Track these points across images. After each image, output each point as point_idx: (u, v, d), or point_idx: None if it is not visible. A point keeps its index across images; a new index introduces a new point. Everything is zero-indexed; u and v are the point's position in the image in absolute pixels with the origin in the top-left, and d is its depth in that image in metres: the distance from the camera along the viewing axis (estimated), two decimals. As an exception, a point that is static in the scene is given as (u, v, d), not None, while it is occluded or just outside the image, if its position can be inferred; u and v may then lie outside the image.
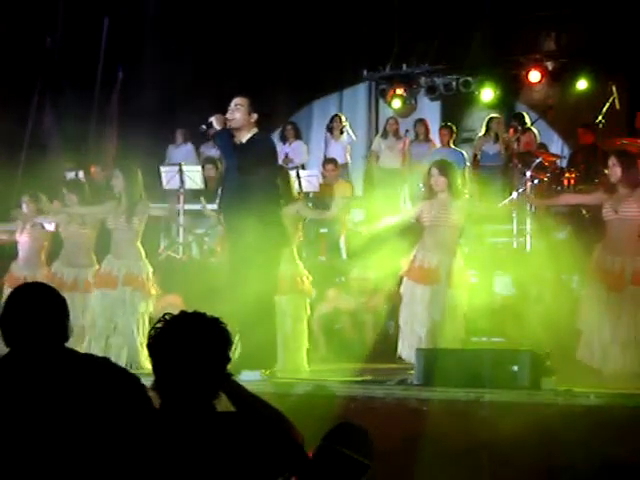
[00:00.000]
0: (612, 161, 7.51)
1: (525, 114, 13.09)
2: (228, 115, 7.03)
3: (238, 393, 3.17)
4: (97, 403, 3.13)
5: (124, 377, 3.28)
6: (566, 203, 9.58)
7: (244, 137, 7.06)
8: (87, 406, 3.12)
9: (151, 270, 8.41)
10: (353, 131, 13.77)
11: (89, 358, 3.41)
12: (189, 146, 14.20)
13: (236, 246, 7.13)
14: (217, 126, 6.97)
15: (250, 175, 6.93)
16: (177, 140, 14.26)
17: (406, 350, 7.74)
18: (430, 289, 7.76)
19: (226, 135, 7.01)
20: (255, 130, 7.11)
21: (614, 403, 5.67)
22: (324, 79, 15.12)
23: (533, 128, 12.84)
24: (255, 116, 7.07)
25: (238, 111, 7.02)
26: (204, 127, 7.05)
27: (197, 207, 12.03)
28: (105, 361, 3.38)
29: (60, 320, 3.39)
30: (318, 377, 7.39)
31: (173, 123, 14.24)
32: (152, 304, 8.37)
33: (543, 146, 12.96)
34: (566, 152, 13.18)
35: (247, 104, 7.04)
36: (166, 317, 3.06)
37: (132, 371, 3.37)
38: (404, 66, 14.96)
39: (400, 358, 7.86)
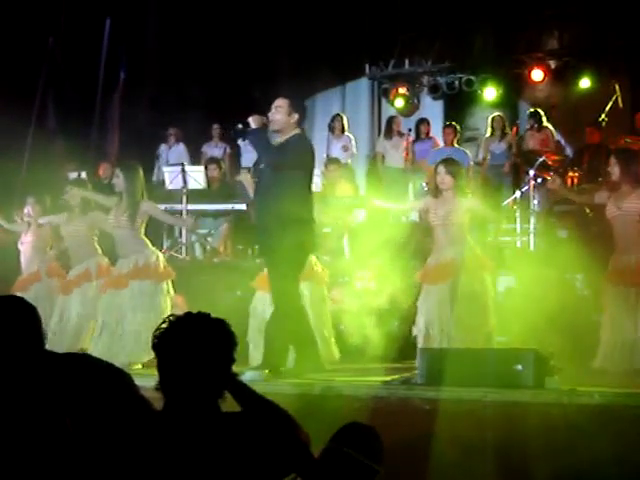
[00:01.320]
0: (612, 160, 7.58)
1: (541, 111, 12.99)
2: (269, 117, 7.04)
3: (244, 393, 3.16)
4: (80, 400, 3.11)
5: (107, 372, 3.27)
6: (572, 200, 9.33)
7: (283, 138, 7.06)
8: (71, 404, 3.10)
9: (160, 255, 8.39)
10: (356, 140, 13.70)
11: (69, 357, 3.40)
12: (181, 146, 14.19)
13: (266, 246, 7.12)
14: (254, 125, 6.98)
15: (285, 173, 6.91)
16: (169, 140, 14.25)
17: None
18: (448, 284, 7.74)
19: (261, 133, 6.99)
20: (297, 131, 7.11)
21: (618, 402, 5.66)
22: (326, 76, 15.12)
23: (549, 125, 12.80)
24: (296, 116, 7.08)
25: (278, 113, 7.03)
26: (240, 126, 7.08)
27: (200, 207, 12.05)
28: (85, 358, 3.37)
29: (32, 329, 3.39)
30: (323, 377, 7.38)
31: (174, 123, 14.24)
32: (169, 287, 8.33)
33: (559, 144, 12.95)
34: (568, 151, 13.16)
35: (287, 105, 7.05)
36: (171, 318, 3.06)
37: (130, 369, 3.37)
38: (407, 65, 14.97)
39: None
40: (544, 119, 12.72)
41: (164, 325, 3.05)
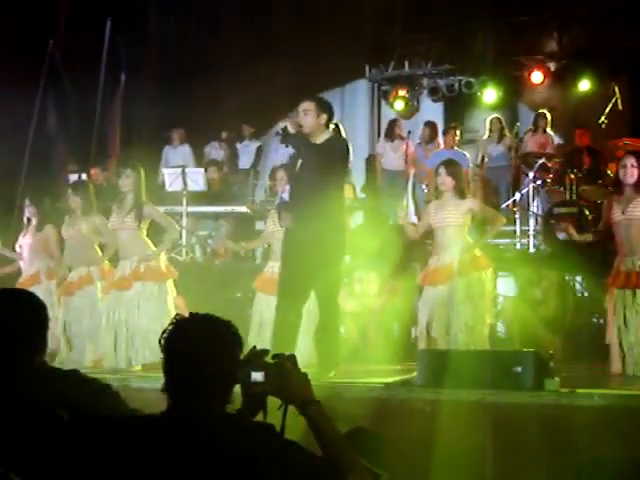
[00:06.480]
0: (630, 162, 7.39)
1: (548, 115, 12.99)
2: (299, 122, 7.01)
3: (317, 424, 3.00)
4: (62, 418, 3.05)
5: (94, 388, 3.24)
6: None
7: (319, 140, 7.04)
8: (55, 422, 3.05)
9: (163, 255, 8.38)
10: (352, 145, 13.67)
11: (56, 372, 3.36)
12: (186, 147, 14.17)
13: (306, 248, 6.99)
14: (292, 130, 6.97)
15: (323, 176, 6.90)
16: (174, 141, 14.23)
17: None
18: (447, 286, 7.75)
19: (301, 135, 6.99)
20: (329, 133, 7.10)
21: (618, 404, 5.67)
22: (325, 77, 15.12)
23: (549, 130, 12.83)
24: (325, 117, 7.03)
25: (307, 116, 7.00)
26: (279, 132, 7.08)
27: (200, 209, 12.07)
28: (74, 373, 3.33)
29: (33, 330, 3.31)
30: (322, 380, 7.40)
31: (176, 125, 14.24)
32: (170, 288, 8.32)
33: (560, 147, 12.96)
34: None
35: (314, 107, 7.01)
36: (177, 318, 3.04)
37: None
38: (406, 67, 15.00)
39: None
40: (549, 124, 12.78)
41: (170, 326, 3.04)
